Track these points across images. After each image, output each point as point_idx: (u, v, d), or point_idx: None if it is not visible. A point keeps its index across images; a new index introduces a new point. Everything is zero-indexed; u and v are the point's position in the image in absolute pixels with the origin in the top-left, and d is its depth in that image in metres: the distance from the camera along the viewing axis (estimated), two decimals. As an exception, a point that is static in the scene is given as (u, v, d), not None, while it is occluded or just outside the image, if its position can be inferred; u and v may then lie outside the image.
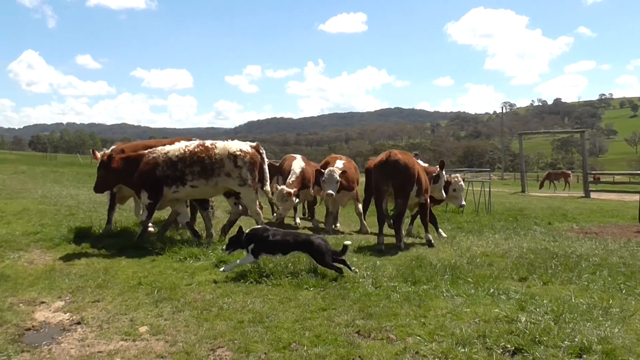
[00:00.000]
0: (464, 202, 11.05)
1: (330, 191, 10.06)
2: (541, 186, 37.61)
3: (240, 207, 8.69)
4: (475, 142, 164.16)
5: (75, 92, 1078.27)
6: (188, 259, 6.99)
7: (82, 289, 5.73)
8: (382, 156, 9.35)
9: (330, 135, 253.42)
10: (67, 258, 7.21)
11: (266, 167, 8.57)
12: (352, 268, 6.29)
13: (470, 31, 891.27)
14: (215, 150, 8.15)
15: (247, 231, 6.43)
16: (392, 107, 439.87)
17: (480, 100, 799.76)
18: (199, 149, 8.17)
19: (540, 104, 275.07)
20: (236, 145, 8.28)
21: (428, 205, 9.78)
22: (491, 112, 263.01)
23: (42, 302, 5.35)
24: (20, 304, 5.25)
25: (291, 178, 11.17)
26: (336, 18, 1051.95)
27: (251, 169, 8.22)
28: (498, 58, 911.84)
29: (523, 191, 30.72)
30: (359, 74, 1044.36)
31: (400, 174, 8.89)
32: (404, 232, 9.38)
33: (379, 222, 9.16)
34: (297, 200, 11.35)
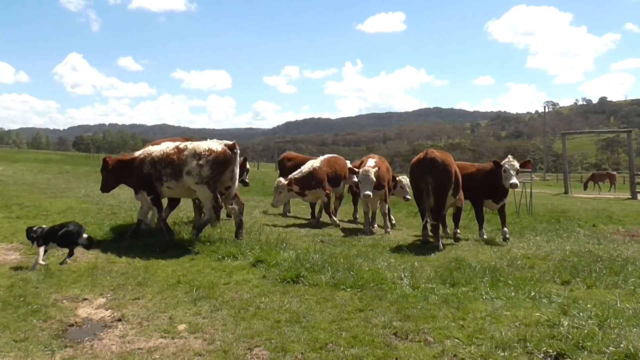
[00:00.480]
0: (514, 181, 9.76)
1: (367, 192, 9.93)
2: (585, 187, 36.44)
3: (237, 206, 8.62)
4: (516, 142, 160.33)
5: (117, 93, 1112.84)
6: (226, 258, 7.08)
7: (123, 287, 5.87)
8: (420, 155, 9.43)
9: (368, 135, 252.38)
10: (109, 256, 7.42)
11: (237, 167, 8.42)
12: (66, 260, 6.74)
13: (512, 29, 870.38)
14: (185, 152, 8.28)
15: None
16: (431, 106, 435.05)
17: (522, 99, 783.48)
18: (172, 151, 8.37)
19: (585, 103, 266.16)
20: (205, 145, 8.29)
21: (462, 205, 10.26)
22: (533, 112, 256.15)
23: (85, 299, 5.51)
24: (64, 301, 5.41)
25: (295, 175, 11.31)
26: (374, 18, 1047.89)
27: (214, 167, 8.13)
28: (540, 56, 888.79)
29: (566, 192, 29.85)
30: (397, 74, 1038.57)
31: (438, 172, 8.95)
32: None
33: (422, 217, 9.44)
34: (305, 197, 11.57)
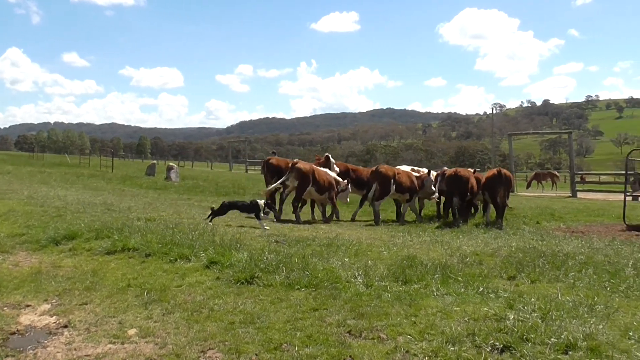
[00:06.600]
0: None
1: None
2: (528, 186, 37.91)
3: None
4: (466, 143, 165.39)
5: (62, 90, 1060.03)
6: (178, 260, 6.93)
7: (70, 292, 5.68)
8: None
9: (322, 135, 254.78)
10: (54, 260, 7.16)
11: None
12: None
13: (462, 32, 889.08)
14: None
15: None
16: (385, 107, 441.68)
17: (472, 101, 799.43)
18: None
19: (530, 105, 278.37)
20: None
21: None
22: (482, 113, 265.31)
23: (28, 306, 5.31)
24: (5, 308, 5.20)
25: None
26: (328, 17, 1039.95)
27: None
28: (489, 59, 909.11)
29: (512, 191, 30.89)
30: (351, 74, 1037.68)
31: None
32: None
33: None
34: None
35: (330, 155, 14.44)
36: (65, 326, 4.74)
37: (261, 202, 10.49)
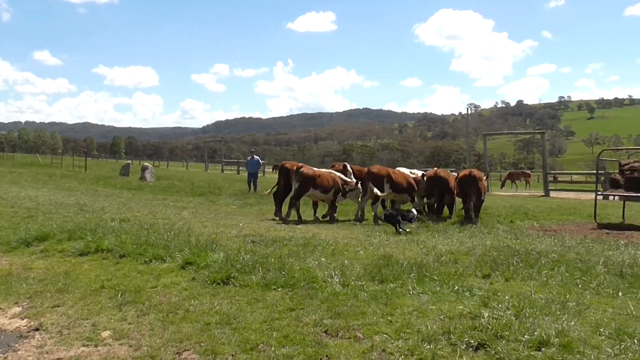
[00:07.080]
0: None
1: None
2: (502, 185, 38.50)
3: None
4: (441, 143, 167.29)
5: (34, 89, 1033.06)
6: (153, 261, 6.86)
7: (41, 294, 5.58)
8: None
9: (299, 135, 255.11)
10: (25, 262, 7.00)
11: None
12: None
13: (438, 32, 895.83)
14: None
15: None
16: (361, 107, 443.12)
17: (447, 101, 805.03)
18: None
19: (504, 105, 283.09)
20: None
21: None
22: (457, 113, 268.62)
23: (-2, 308, 5.19)
24: (-25, 311, 5.07)
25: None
26: (305, 17, 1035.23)
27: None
28: (464, 60, 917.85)
29: (487, 190, 31.33)
30: (327, 74, 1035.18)
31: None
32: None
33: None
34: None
35: (347, 164, 15.30)
36: (37, 329, 4.65)
37: (414, 211, 12.17)
